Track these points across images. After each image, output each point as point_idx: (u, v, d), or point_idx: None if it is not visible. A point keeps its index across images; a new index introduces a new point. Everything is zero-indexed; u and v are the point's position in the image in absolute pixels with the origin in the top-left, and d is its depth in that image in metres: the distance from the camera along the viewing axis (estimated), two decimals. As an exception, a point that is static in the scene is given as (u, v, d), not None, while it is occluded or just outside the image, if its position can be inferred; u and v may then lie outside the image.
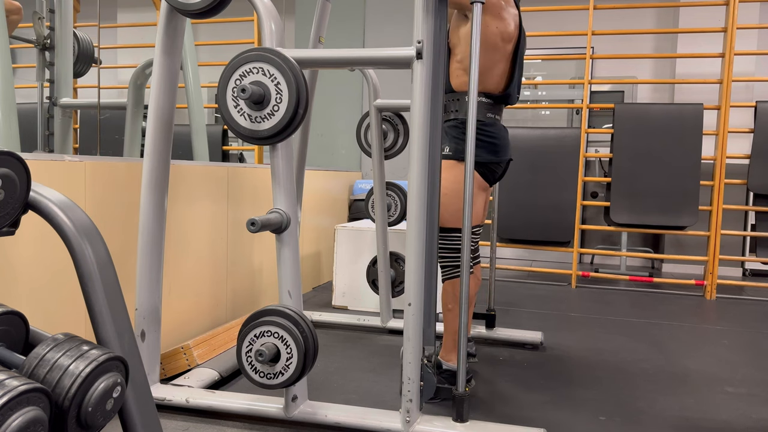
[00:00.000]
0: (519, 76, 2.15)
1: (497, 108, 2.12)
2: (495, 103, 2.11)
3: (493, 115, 2.10)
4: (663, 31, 5.10)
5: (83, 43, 3.26)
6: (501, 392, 2.28)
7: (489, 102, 2.09)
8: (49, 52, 3.01)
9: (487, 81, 2.07)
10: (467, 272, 1.76)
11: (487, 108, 2.09)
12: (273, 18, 1.79)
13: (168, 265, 2.26)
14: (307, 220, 3.86)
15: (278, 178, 1.76)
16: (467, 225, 1.74)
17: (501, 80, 2.11)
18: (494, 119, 2.11)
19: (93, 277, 0.97)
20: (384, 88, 2.89)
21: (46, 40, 2.97)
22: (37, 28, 2.99)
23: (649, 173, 4.36)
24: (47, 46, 3.00)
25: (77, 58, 3.23)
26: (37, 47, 3.06)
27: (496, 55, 2.06)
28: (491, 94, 2.09)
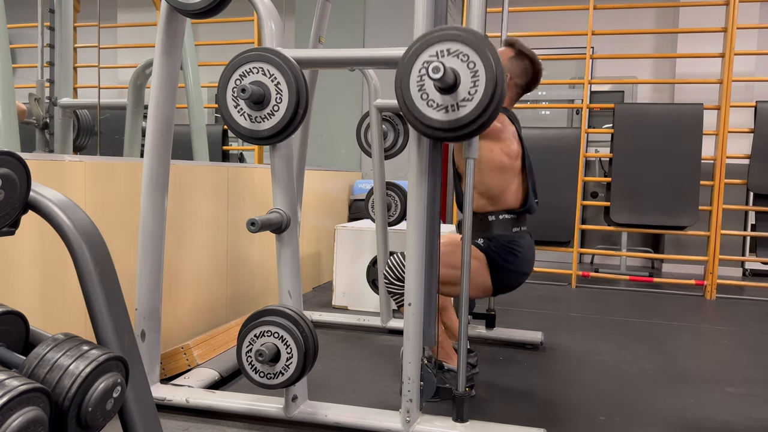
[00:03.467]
0: (533, 184, 2.21)
1: (521, 220, 2.18)
2: (518, 216, 2.17)
3: (518, 228, 2.16)
4: (663, 31, 5.11)
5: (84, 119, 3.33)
6: (501, 392, 2.28)
7: (513, 217, 2.15)
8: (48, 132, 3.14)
9: (507, 200, 2.14)
10: (467, 272, 1.76)
11: (512, 223, 2.15)
12: (273, 18, 1.79)
13: (168, 265, 2.26)
14: (307, 220, 3.86)
15: (278, 178, 1.76)
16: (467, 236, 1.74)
17: (518, 195, 2.17)
18: (520, 231, 2.17)
19: (93, 277, 0.97)
20: (384, 88, 2.89)
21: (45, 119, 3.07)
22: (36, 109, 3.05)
23: (649, 173, 4.36)
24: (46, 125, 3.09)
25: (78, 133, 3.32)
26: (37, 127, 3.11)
27: (507, 174, 2.12)
28: (513, 210, 2.15)
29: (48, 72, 3.13)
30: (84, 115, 3.33)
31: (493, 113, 1.51)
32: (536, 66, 2.19)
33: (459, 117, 1.51)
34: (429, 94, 1.53)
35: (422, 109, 1.54)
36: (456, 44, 1.50)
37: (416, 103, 1.54)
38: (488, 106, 1.49)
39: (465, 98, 1.50)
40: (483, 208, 2.12)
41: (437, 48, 1.52)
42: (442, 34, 1.51)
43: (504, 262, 2.10)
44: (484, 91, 1.48)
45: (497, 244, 2.11)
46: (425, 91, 1.53)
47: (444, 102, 1.52)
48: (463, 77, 1.49)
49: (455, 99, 1.51)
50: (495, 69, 1.47)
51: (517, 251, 2.12)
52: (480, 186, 2.09)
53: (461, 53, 1.50)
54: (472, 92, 1.49)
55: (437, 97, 1.52)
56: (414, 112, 1.55)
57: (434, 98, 1.53)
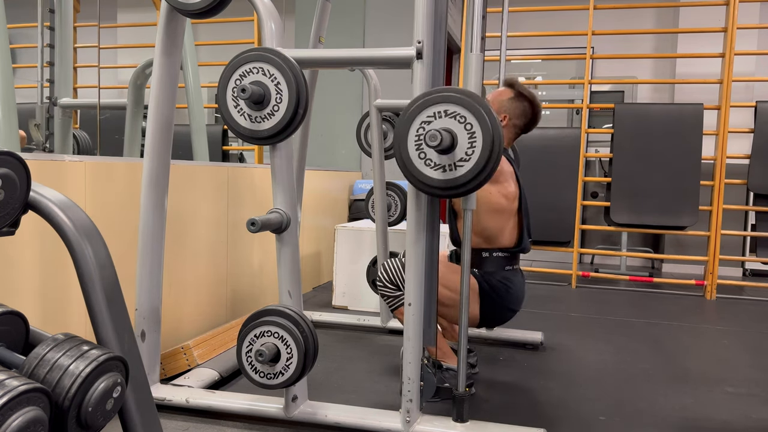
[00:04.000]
0: (528, 225, 2.23)
1: (514, 258, 2.21)
2: (512, 255, 2.19)
3: (511, 266, 2.19)
4: (663, 31, 5.11)
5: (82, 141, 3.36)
6: (501, 392, 2.28)
7: (506, 256, 2.17)
8: None
9: (502, 240, 2.16)
10: (467, 273, 1.76)
11: (506, 261, 2.18)
12: (273, 18, 1.79)
13: (168, 265, 2.26)
14: (307, 220, 3.86)
15: (278, 178, 1.76)
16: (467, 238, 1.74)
17: (513, 235, 2.19)
18: (512, 270, 2.20)
19: (93, 277, 0.97)
20: (384, 88, 2.89)
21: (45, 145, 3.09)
22: (35, 134, 3.06)
23: (649, 173, 4.36)
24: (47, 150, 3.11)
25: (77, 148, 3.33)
26: None
27: (503, 215, 2.15)
28: (507, 248, 2.17)
29: (48, 72, 3.13)
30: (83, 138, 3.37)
31: (490, 173, 1.55)
32: (535, 107, 2.20)
33: (456, 176, 1.55)
34: (427, 154, 1.57)
35: (420, 168, 1.58)
36: (453, 106, 1.54)
37: (414, 163, 1.58)
38: (485, 167, 1.53)
39: (462, 158, 1.54)
40: (477, 245, 2.14)
41: (435, 109, 1.55)
42: (439, 96, 1.55)
43: (495, 295, 2.13)
44: (481, 152, 1.52)
45: (489, 280, 2.14)
46: (423, 150, 1.57)
47: (441, 161, 1.55)
48: (460, 138, 1.53)
49: (452, 159, 1.54)
50: (492, 131, 1.51)
51: (508, 289, 2.15)
52: (476, 226, 2.10)
53: (458, 115, 1.54)
54: (469, 153, 1.53)
55: (435, 157, 1.56)
56: (412, 171, 1.58)
57: (432, 158, 1.56)
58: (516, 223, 2.19)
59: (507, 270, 2.17)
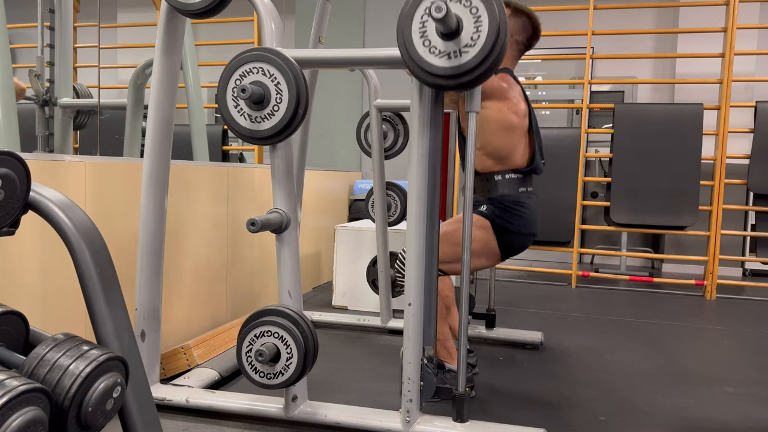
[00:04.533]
0: (539, 145, 2.20)
1: (527, 180, 2.17)
2: (525, 177, 2.15)
3: (525, 188, 2.15)
4: (663, 31, 5.10)
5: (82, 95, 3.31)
6: (501, 392, 2.28)
7: (519, 177, 2.13)
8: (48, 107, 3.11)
9: (514, 160, 2.13)
10: (467, 273, 1.76)
11: (519, 183, 2.13)
12: (273, 18, 1.79)
13: (168, 265, 2.26)
14: (307, 220, 3.86)
15: (278, 178, 1.76)
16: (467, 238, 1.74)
17: (525, 155, 2.16)
18: (527, 192, 2.15)
19: (93, 277, 0.97)
20: (384, 88, 2.89)
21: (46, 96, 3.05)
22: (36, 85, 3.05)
23: (649, 173, 4.36)
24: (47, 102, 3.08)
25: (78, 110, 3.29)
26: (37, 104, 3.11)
27: (515, 134, 2.11)
28: (519, 169, 2.14)
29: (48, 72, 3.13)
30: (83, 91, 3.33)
31: (497, 60, 1.48)
32: (534, 20, 2.18)
33: (461, 63, 1.48)
34: (431, 41, 1.50)
35: (424, 56, 1.51)
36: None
37: (418, 50, 1.51)
38: (491, 52, 1.46)
39: (467, 44, 1.47)
40: (489, 169, 2.10)
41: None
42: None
43: (509, 225, 2.08)
44: (487, 36, 1.45)
45: (501, 207, 2.08)
46: (427, 37, 1.50)
47: (446, 48, 1.49)
48: (466, 23, 1.47)
49: (458, 45, 1.48)
50: (498, 15, 1.45)
51: (522, 212, 2.09)
52: (487, 146, 2.06)
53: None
54: (474, 38, 1.47)
55: (439, 44, 1.49)
56: (416, 59, 1.51)
57: (436, 45, 1.50)
58: (527, 143, 2.15)
59: (521, 192, 2.12)
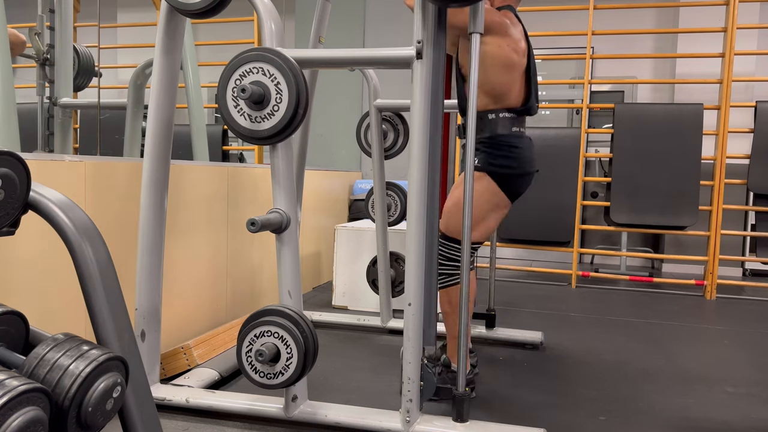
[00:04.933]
0: (535, 86, 2.19)
1: (520, 120, 2.15)
2: (518, 116, 2.14)
3: (518, 128, 2.14)
4: (663, 31, 5.10)
5: (83, 57, 3.28)
6: (501, 392, 2.28)
7: (512, 116, 2.12)
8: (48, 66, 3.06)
9: (510, 99, 2.11)
10: (467, 274, 1.76)
11: (512, 122, 2.11)
12: (273, 18, 1.79)
13: (168, 265, 2.26)
14: (307, 220, 3.86)
15: (278, 178, 1.76)
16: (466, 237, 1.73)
17: (520, 94, 2.14)
18: (519, 132, 2.14)
19: (93, 277, 0.97)
20: (384, 88, 2.89)
21: (46, 56, 3.01)
22: (36, 44, 3.02)
23: (649, 173, 4.36)
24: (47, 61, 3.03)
25: (78, 72, 3.26)
26: (38, 63, 3.09)
27: (514, 72, 2.09)
28: (514, 109, 2.12)
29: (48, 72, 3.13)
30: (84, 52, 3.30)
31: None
32: None
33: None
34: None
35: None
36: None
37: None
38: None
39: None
40: (484, 107, 2.09)
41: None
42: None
43: (506, 169, 2.06)
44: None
45: (494, 150, 2.06)
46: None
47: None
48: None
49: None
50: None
51: (515, 153, 2.08)
52: (485, 84, 2.05)
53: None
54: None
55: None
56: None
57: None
58: (523, 83, 2.14)
59: (514, 132, 2.10)
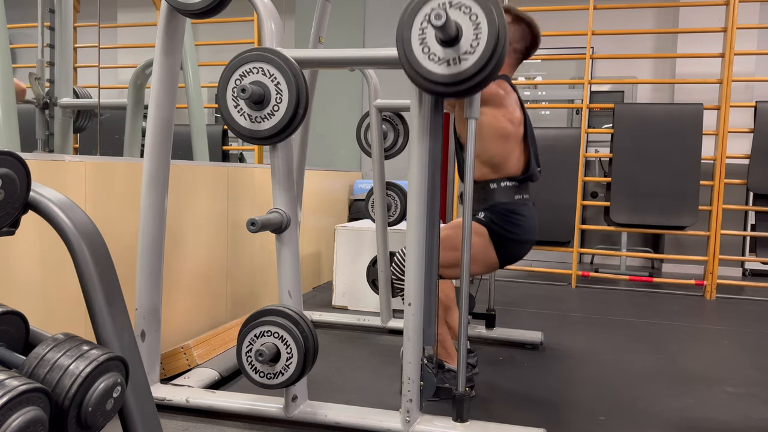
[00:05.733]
0: (535, 152, 2.20)
1: (523, 188, 2.16)
2: (520, 184, 2.15)
3: (521, 195, 2.14)
4: (663, 31, 5.10)
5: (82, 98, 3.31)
6: (501, 392, 2.28)
7: (514, 184, 2.13)
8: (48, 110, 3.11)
9: (509, 168, 2.12)
10: (467, 273, 1.76)
11: (514, 191, 2.13)
12: (273, 18, 1.79)
13: (168, 265, 2.26)
14: (307, 220, 3.86)
15: (278, 178, 1.76)
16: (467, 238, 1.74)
17: (520, 162, 2.15)
18: (522, 199, 2.15)
19: (93, 277, 0.97)
20: (384, 88, 2.89)
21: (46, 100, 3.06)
22: (36, 88, 3.05)
23: (649, 173, 4.36)
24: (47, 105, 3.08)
25: (78, 113, 3.31)
26: (37, 107, 3.11)
27: (510, 142, 2.11)
28: (515, 177, 2.13)
29: (48, 72, 3.13)
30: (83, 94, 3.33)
31: (495, 67, 1.48)
32: (534, 29, 2.17)
33: (461, 71, 1.48)
34: (430, 48, 1.50)
35: (423, 63, 1.51)
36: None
37: (417, 57, 1.51)
38: (490, 60, 1.46)
39: (467, 51, 1.47)
40: (484, 177, 2.10)
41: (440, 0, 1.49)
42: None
43: (507, 233, 2.07)
44: (486, 43, 1.45)
45: (498, 215, 2.08)
46: (427, 44, 1.50)
47: (445, 55, 1.49)
48: (465, 30, 1.46)
49: (457, 52, 1.48)
50: (497, 22, 1.45)
51: (519, 220, 2.09)
52: (482, 154, 2.06)
53: (463, 5, 1.47)
54: (474, 45, 1.46)
55: (439, 51, 1.49)
56: (415, 66, 1.52)
57: (436, 51, 1.50)
58: (522, 151, 2.15)
59: (517, 200, 2.11)
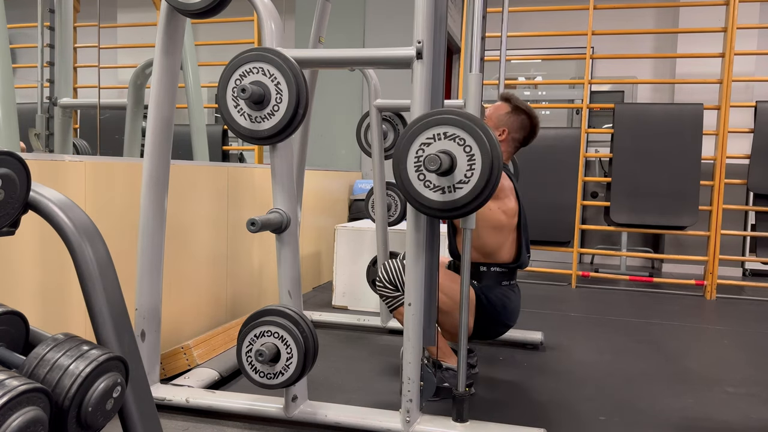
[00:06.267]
0: (527, 240, 2.23)
1: (512, 274, 2.21)
2: (509, 271, 2.19)
3: (508, 281, 2.19)
4: (663, 31, 5.11)
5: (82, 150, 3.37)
6: (501, 392, 2.28)
7: (503, 271, 2.17)
8: None
9: (500, 255, 2.16)
10: (467, 274, 1.76)
11: (503, 276, 2.17)
12: (273, 18, 1.79)
13: (168, 265, 2.26)
14: (307, 220, 3.86)
15: (278, 178, 1.76)
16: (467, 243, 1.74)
17: (512, 251, 2.19)
18: (509, 285, 2.19)
19: (93, 277, 0.97)
20: (384, 88, 2.89)
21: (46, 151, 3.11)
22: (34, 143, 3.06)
23: (649, 173, 4.36)
24: None
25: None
26: None
27: (503, 232, 2.14)
28: (505, 264, 2.17)
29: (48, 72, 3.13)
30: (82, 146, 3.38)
31: (489, 195, 1.55)
32: (533, 120, 2.21)
33: (455, 199, 1.55)
34: (426, 176, 1.57)
35: (420, 190, 1.58)
36: (452, 128, 1.54)
37: (414, 185, 1.58)
38: (484, 190, 1.53)
39: (461, 180, 1.54)
40: (475, 260, 2.13)
41: (434, 131, 1.55)
42: (438, 118, 1.55)
43: (491, 310, 2.12)
44: (480, 174, 1.52)
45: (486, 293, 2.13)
46: (422, 172, 1.57)
47: (441, 183, 1.56)
48: (460, 160, 1.53)
49: (452, 181, 1.54)
50: (491, 154, 1.51)
51: (504, 304, 2.14)
52: (475, 242, 2.09)
53: (458, 137, 1.53)
54: (468, 175, 1.53)
55: (434, 179, 1.56)
56: (412, 193, 1.59)
57: (431, 179, 1.57)
58: (515, 239, 2.19)
59: (504, 285, 2.17)
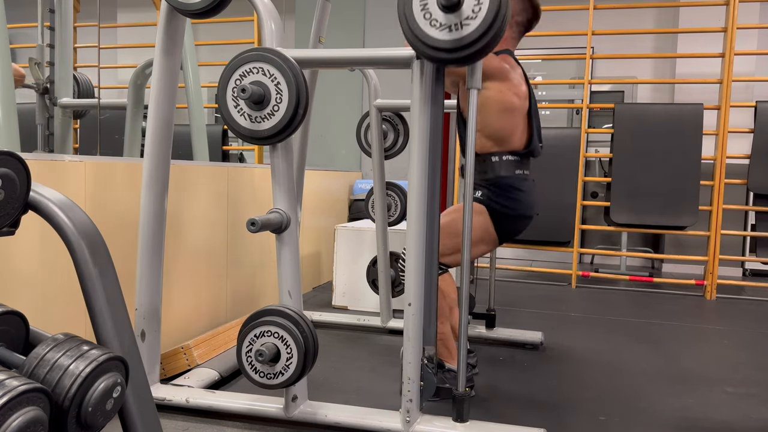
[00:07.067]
0: (538, 127, 2.19)
1: (524, 163, 2.16)
2: (522, 159, 2.15)
3: (522, 170, 2.14)
4: (663, 31, 5.10)
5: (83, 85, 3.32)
6: (501, 392, 2.28)
7: (516, 159, 2.13)
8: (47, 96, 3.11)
9: (512, 142, 2.12)
10: (467, 276, 1.76)
11: (515, 165, 2.12)
12: (273, 18, 1.79)
13: (168, 266, 2.26)
14: (307, 220, 3.86)
15: (278, 178, 1.76)
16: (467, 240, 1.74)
17: (523, 137, 2.15)
18: (523, 174, 2.15)
19: (93, 277, 0.97)
20: (384, 88, 2.89)
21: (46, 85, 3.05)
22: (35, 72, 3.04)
23: (649, 173, 4.36)
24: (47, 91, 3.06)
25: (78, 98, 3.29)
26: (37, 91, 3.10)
27: (515, 116, 2.10)
28: (517, 151, 2.13)
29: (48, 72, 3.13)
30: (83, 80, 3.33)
31: (498, 32, 1.48)
32: (534, 1, 2.19)
33: (463, 36, 1.48)
34: (432, 13, 1.50)
35: (425, 29, 1.51)
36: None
37: (419, 23, 1.51)
38: (493, 24, 1.46)
39: (468, 16, 1.47)
40: (487, 149, 2.10)
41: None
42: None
43: (505, 209, 2.07)
44: (489, 8, 1.46)
45: (497, 191, 2.08)
46: (428, 10, 1.51)
47: (447, 21, 1.49)
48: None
49: (459, 18, 1.48)
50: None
51: (518, 195, 2.09)
52: (486, 128, 2.06)
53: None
54: (476, 10, 1.47)
55: (440, 16, 1.49)
56: (416, 32, 1.52)
57: (437, 17, 1.50)
58: (526, 125, 2.15)
59: (518, 174, 2.11)
